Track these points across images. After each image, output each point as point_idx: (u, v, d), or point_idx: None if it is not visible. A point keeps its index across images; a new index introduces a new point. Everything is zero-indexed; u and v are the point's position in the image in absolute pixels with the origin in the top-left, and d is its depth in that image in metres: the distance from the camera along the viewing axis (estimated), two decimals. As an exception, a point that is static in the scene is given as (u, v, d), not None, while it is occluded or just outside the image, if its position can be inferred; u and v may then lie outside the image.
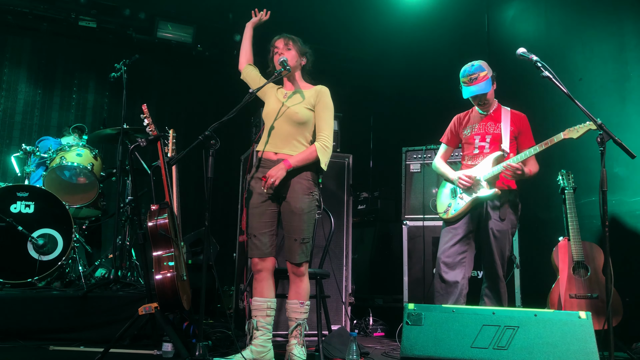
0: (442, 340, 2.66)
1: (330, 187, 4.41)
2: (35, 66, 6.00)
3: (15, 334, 3.37)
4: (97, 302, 3.61)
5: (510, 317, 2.66)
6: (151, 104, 3.59)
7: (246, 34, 3.43)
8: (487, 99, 3.44)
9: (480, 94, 3.39)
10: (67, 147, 4.58)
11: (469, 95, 3.42)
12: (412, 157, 4.63)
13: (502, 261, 3.36)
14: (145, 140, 3.05)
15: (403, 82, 6.50)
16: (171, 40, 6.18)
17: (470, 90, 3.39)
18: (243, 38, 3.43)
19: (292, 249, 3.00)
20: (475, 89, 3.37)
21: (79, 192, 4.56)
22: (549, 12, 4.85)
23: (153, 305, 3.00)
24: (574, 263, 3.65)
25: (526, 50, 2.99)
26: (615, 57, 4.23)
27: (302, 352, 2.97)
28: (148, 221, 3.10)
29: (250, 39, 3.42)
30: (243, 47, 3.43)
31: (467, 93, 3.41)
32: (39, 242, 3.97)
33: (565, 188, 3.78)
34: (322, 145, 3.09)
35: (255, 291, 3.06)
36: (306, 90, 3.21)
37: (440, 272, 3.40)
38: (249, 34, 3.42)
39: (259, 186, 3.08)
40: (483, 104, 3.46)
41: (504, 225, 3.35)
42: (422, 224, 4.46)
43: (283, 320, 3.80)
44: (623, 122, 4.02)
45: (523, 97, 4.59)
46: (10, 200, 4.02)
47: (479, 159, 3.45)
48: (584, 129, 3.10)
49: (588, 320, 2.57)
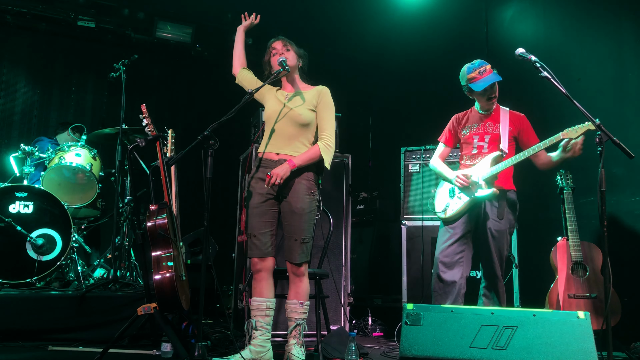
0: (441, 340, 2.66)
1: (329, 187, 4.41)
2: (34, 66, 5.99)
3: (14, 334, 3.37)
4: (96, 302, 3.61)
5: (509, 317, 2.66)
6: (150, 104, 3.58)
7: (238, 38, 3.41)
8: (497, 92, 3.43)
9: (497, 81, 3.36)
10: (65, 147, 4.58)
11: (487, 84, 3.35)
12: (411, 157, 4.64)
13: (501, 261, 3.37)
14: (144, 140, 3.05)
15: (402, 82, 6.50)
16: (170, 40, 6.18)
17: (486, 80, 3.35)
18: (235, 42, 3.41)
19: (292, 249, 3.00)
20: (491, 77, 3.35)
21: (77, 192, 4.56)
22: (548, 13, 4.86)
23: (152, 305, 2.99)
24: (573, 263, 3.65)
25: (525, 50, 2.99)
26: (613, 57, 4.24)
27: (301, 352, 2.97)
28: (147, 221, 3.10)
29: (242, 42, 3.41)
30: (236, 51, 3.41)
31: (484, 83, 3.35)
32: (37, 242, 3.97)
33: (564, 188, 3.79)
34: (325, 144, 3.10)
35: (254, 291, 3.06)
36: (307, 91, 3.22)
37: (438, 272, 3.40)
38: (240, 37, 3.41)
39: (259, 186, 3.08)
40: (494, 96, 3.44)
41: (502, 225, 3.36)
42: (421, 224, 4.46)
43: (282, 320, 3.80)
44: (621, 122, 4.03)
45: (522, 97, 4.59)
46: (9, 201, 4.02)
47: (478, 159, 3.46)
48: (583, 129, 3.11)
49: (587, 320, 2.58)
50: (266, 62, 3.25)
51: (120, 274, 4.20)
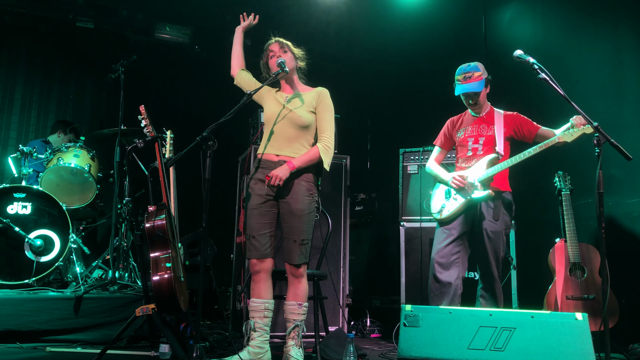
0: (439, 341, 2.66)
1: (327, 188, 4.41)
2: (32, 67, 5.98)
3: (12, 335, 3.37)
4: (94, 303, 3.61)
5: (507, 318, 2.66)
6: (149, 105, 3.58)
7: (236, 39, 3.40)
8: (478, 100, 3.47)
9: (472, 92, 3.42)
10: (64, 147, 4.57)
11: (460, 92, 3.46)
12: (410, 158, 4.64)
13: (497, 262, 3.38)
14: (143, 141, 3.05)
15: (400, 84, 6.51)
16: (169, 41, 6.18)
17: (463, 87, 3.43)
18: (234, 43, 3.40)
19: (292, 250, 3.00)
20: (467, 87, 3.41)
21: (76, 193, 4.55)
22: (546, 15, 4.87)
23: (150, 306, 2.99)
24: (571, 264, 3.66)
25: (523, 52, 3.00)
26: (611, 59, 4.25)
27: (299, 354, 2.97)
28: (145, 222, 3.10)
29: (241, 43, 3.40)
30: (234, 52, 3.39)
31: (459, 90, 3.45)
32: (35, 243, 3.96)
33: (562, 190, 3.80)
34: (324, 146, 3.10)
35: (252, 292, 3.06)
36: (306, 92, 3.22)
37: (435, 273, 3.41)
38: (239, 38, 3.40)
39: (258, 187, 3.08)
40: (474, 104, 3.49)
41: (498, 226, 3.37)
42: (419, 225, 4.47)
43: (281, 322, 3.80)
44: (619, 124, 4.03)
45: (520, 99, 4.60)
46: (7, 201, 4.01)
47: (473, 161, 3.47)
48: (578, 132, 3.12)
49: (584, 322, 2.58)
50: (264, 65, 3.25)
51: (119, 275, 4.20)
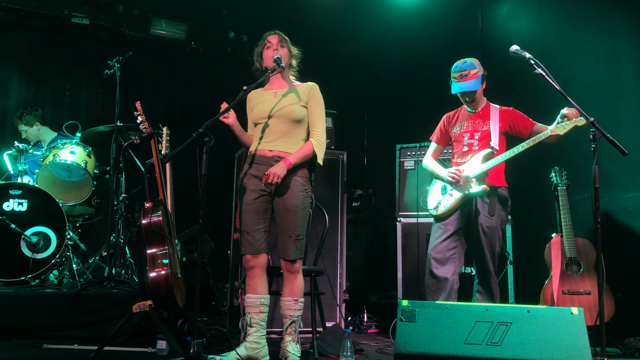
0: (436, 336, 2.67)
1: (324, 184, 4.41)
2: (27, 63, 5.95)
3: (9, 332, 3.37)
4: (91, 300, 3.61)
5: (504, 313, 2.67)
6: (145, 101, 3.57)
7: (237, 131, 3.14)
8: (475, 97, 3.47)
9: (469, 90, 3.42)
10: (60, 144, 4.55)
11: (457, 91, 3.45)
12: (406, 154, 4.64)
13: (493, 257, 3.39)
14: (139, 137, 3.04)
15: (397, 79, 6.51)
16: (165, 37, 6.16)
17: (459, 86, 3.42)
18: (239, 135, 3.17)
19: (286, 246, 3.00)
20: (464, 85, 3.41)
21: (72, 189, 4.55)
22: (542, 10, 4.87)
23: (147, 302, 3.00)
24: (567, 259, 3.67)
25: (519, 47, 3.00)
26: (608, 54, 4.25)
27: (296, 349, 2.97)
28: (142, 219, 3.10)
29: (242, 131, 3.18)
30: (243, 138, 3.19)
31: (456, 89, 3.45)
32: (32, 240, 3.96)
33: (558, 185, 3.81)
34: (317, 140, 3.11)
35: (248, 288, 3.06)
36: (297, 87, 3.21)
37: (431, 268, 3.42)
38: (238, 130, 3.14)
39: (252, 183, 3.08)
40: (471, 101, 3.49)
41: (493, 221, 3.38)
42: (416, 221, 4.47)
43: (278, 318, 3.81)
44: (615, 119, 4.04)
45: (516, 94, 4.61)
46: (3, 198, 4.00)
47: (468, 157, 3.47)
48: (570, 125, 3.13)
49: (580, 316, 2.59)
50: (258, 54, 3.22)
51: (116, 271, 4.20)
